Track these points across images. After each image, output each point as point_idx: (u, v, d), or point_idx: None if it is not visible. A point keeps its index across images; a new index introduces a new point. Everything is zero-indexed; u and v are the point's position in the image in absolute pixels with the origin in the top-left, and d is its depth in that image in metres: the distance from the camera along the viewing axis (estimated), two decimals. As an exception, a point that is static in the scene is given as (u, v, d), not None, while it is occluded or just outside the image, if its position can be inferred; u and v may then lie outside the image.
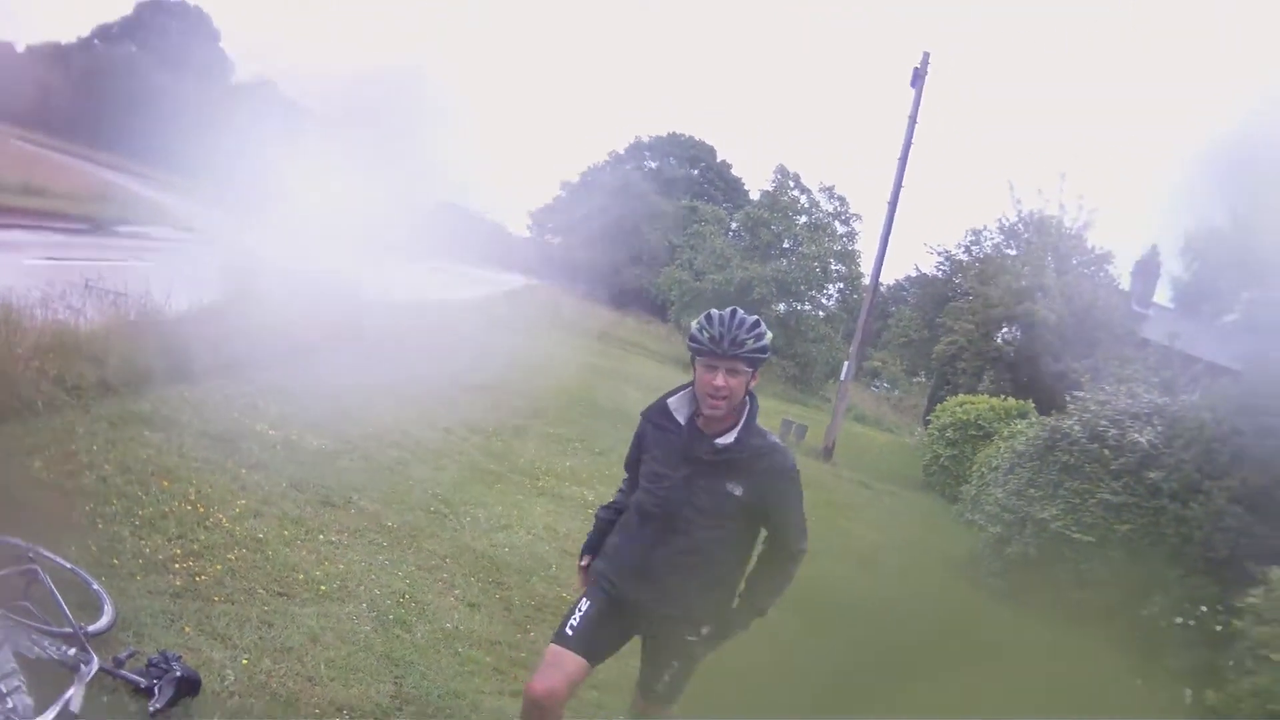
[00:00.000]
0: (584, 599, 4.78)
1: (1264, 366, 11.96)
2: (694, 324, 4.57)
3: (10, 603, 4.88)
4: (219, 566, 6.65)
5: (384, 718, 5.64)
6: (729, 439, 4.56)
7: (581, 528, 10.62)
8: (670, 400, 4.76)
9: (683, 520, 4.56)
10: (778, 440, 4.69)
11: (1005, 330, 30.04)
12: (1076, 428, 12.72)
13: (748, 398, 4.61)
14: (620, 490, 5.13)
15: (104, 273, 13.20)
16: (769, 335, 4.57)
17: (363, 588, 7.25)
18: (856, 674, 9.43)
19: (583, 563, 5.13)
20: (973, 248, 36.51)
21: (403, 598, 7.32)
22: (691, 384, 4.68)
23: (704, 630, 4.71)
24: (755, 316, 4.57)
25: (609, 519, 5.06)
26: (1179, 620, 10.69)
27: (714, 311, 4.54)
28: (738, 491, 4.52)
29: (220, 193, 17.62)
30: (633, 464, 4.97)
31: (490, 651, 6.94)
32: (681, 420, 4.67)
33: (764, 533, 4.76)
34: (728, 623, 4.78)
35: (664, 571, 4.60)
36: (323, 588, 6.98)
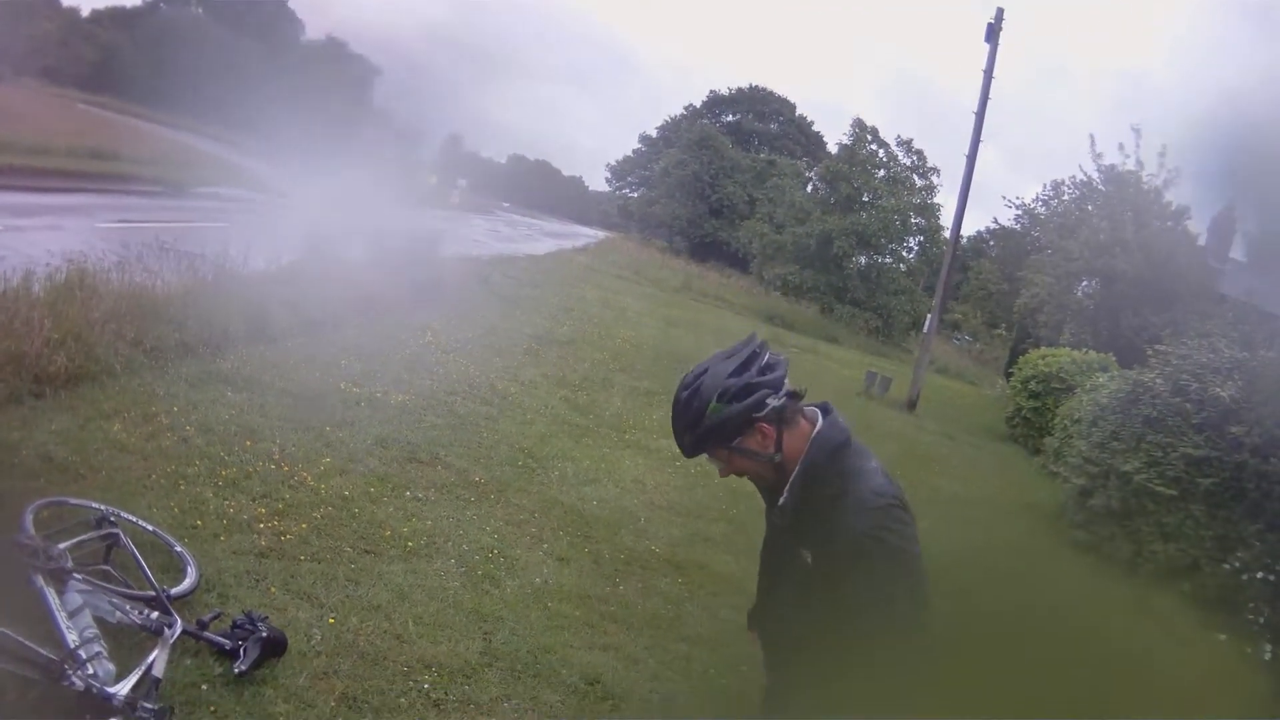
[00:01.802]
0: None
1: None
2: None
3: (91, 567, 4.84)
4: (304, 525, 6.61)
5: (473, 674, 5.55)
6: (784, 497, 3.37)
7: (669, 480, 10.52)
8: None
9: (766, 590, 3.61)
10: (868, 488, 3.24)
11: (1085, 284, 29.77)
12: (1159, 381, 12.63)
13: (810, 444, 3.32)
14: None
15: (180, 235, 13.22)
16: (711, 405, 3.24)
17: (450, 544, 7.17)
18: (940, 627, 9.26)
19: None
20: (1051, 201, 35.97)
21: (491, 553, 7.24)
22: None
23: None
24: (686, 392, 3.27)
25: None
26: (1260, 575, 10.56)
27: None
28: (808, 558, 3.31)
29: (288, 152, 17.55)
30: None
31: (580, 606, 6.83)
32: None
33: None
34: None
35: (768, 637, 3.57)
36: (410, 544, 6.92)
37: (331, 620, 5.52)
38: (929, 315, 25.59)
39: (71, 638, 4.06)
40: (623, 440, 11.78)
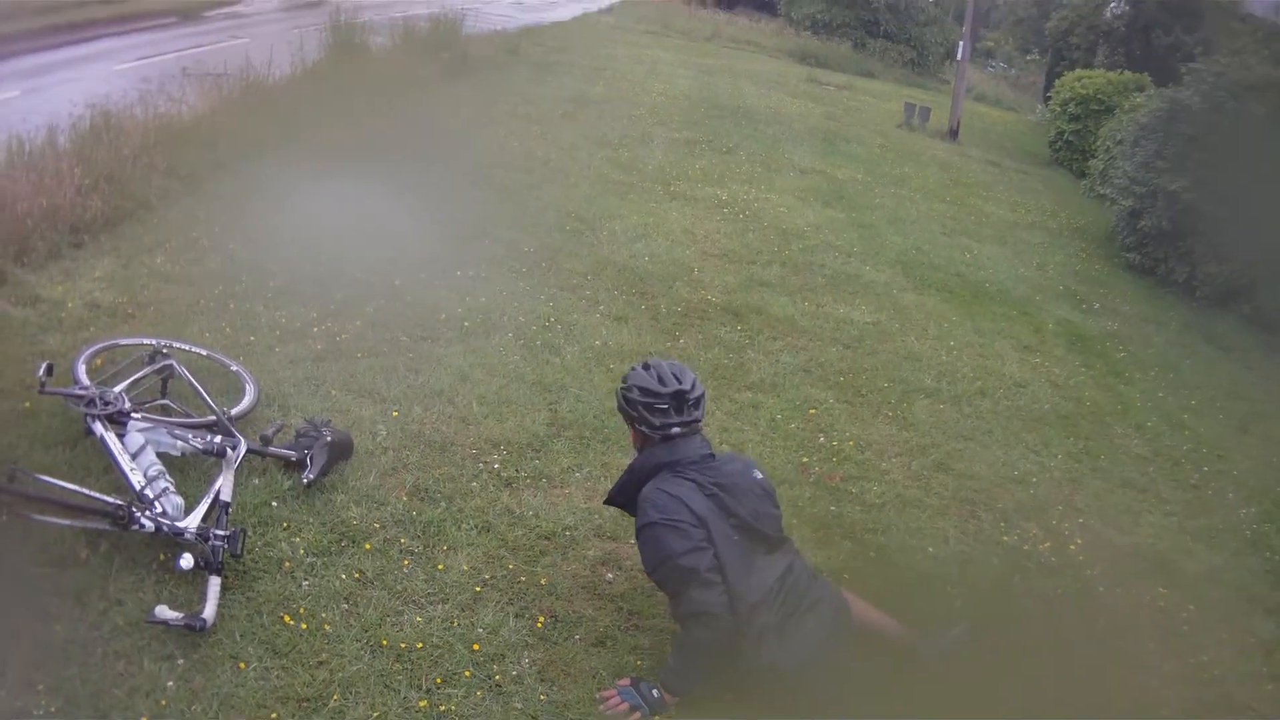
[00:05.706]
0: None
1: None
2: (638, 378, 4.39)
3: (149, 404, 4.87)
4: (358, 321, 6.65)
5: (542, 447, 5.61)
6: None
7: (719, 228, 10.53)
8: None
9: None
10: (651, 486, 4.12)
11: (1114, 4, 28.96)
12: (1196, 100, 12.28)
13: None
14: None
15: (201, 59, 13.04)
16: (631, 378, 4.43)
17: (506, 318, 7.21)
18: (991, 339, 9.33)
19: None
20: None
21: (548, 322, 7.30)
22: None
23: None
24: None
25: None
26: None
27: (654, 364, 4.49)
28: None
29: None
30: None
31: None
32: None
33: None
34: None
35: None
36: (466, 324, 6.96)
37: (395, 413, 5.57)
38: (961, 42, 24.63)
39: (136, 479, 4.07)
40: (668, 193, 11.65)
